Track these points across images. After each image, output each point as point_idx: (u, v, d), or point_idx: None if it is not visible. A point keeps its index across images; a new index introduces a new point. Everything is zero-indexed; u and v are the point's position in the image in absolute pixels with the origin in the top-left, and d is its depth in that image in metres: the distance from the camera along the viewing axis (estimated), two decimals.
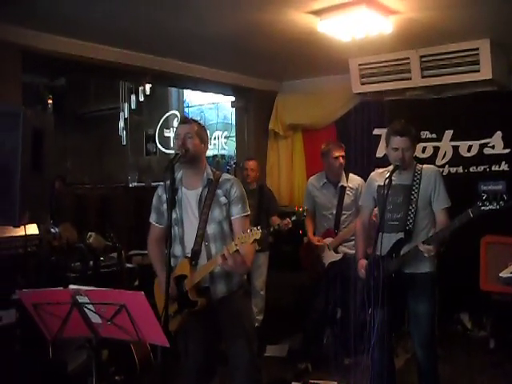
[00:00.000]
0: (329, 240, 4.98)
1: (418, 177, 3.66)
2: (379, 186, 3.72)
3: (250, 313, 3.61)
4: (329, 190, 5.05)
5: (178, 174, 3.26)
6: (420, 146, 5.93)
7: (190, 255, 3.21)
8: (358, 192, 4.93)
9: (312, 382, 4.42)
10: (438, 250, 3.51)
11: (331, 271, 4.97)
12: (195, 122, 3.33)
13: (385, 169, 3.79)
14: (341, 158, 4.97)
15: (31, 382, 3.86)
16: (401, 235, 3.62)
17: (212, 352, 3.35)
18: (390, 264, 3.58)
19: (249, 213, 3.29)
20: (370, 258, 3.64)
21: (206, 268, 3.14)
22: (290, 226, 5.21)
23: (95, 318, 2.64)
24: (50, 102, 9.15)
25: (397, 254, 3.61)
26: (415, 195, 3.63)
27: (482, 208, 3.20)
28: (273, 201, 5.91)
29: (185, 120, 3.38)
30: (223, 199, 3.22)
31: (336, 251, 4.96)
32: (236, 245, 2.95)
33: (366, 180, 4.31)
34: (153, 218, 3.43)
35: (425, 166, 3.77)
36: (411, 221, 3.61)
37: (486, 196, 3.20)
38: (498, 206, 3.17)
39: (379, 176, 3.79)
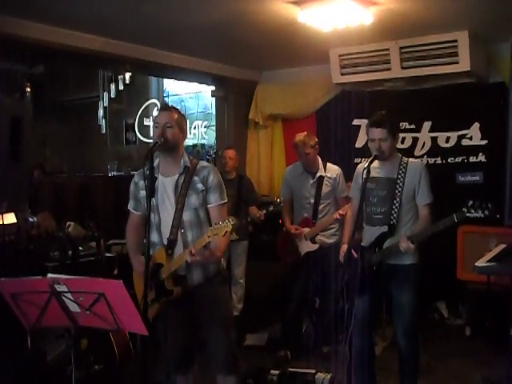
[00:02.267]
0: (306, 230, 5.00)
1: (404, 170, 3.65)
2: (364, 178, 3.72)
3: (228, 300, 3.62)
4: (307, 180, 5.04)
5: (156, 162, 3.24)
6: (399, 136, 5.96)
7: (166, 243, 3.21)
8: (335, 181, 4.96)
9: (291, 370, 4.44)
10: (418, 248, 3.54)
11: (309, 261, 4.99)
12: (175, 109, 3.31)
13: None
14: (309, 156, 4.94)
15: (10, 373, 3.84)
16: (384, 229, 3.63)
17: (191, 339, 3.36)
18: (373, 257, 3.60)
19: (226, 200, 3.30)
20: (350, 246, 3.64)
21: (180, 259, 3.14)
22: (262, 218, 5.52)
23: (74, 307, 2.63)
24: (28, 89, 9.01)
25: (380, 247, 3.62)
26: (400, 189, 3.62)
27: (468, 215, 3.23)
28: (252, 191, 5.92)
29: (164, 107, 3.35)
30: (200, 186, 3.21)
31: (313, 241, 4.98)
32: (209, 236, 2.97)
33: (343, 170, 4.31)
34: (131, 205, 3.42)
35: (411, 159, 3.77)
36: (395, 215, 3.61)
37: (471, 203, 3.21)
38: (482, 215, 3.19)
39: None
